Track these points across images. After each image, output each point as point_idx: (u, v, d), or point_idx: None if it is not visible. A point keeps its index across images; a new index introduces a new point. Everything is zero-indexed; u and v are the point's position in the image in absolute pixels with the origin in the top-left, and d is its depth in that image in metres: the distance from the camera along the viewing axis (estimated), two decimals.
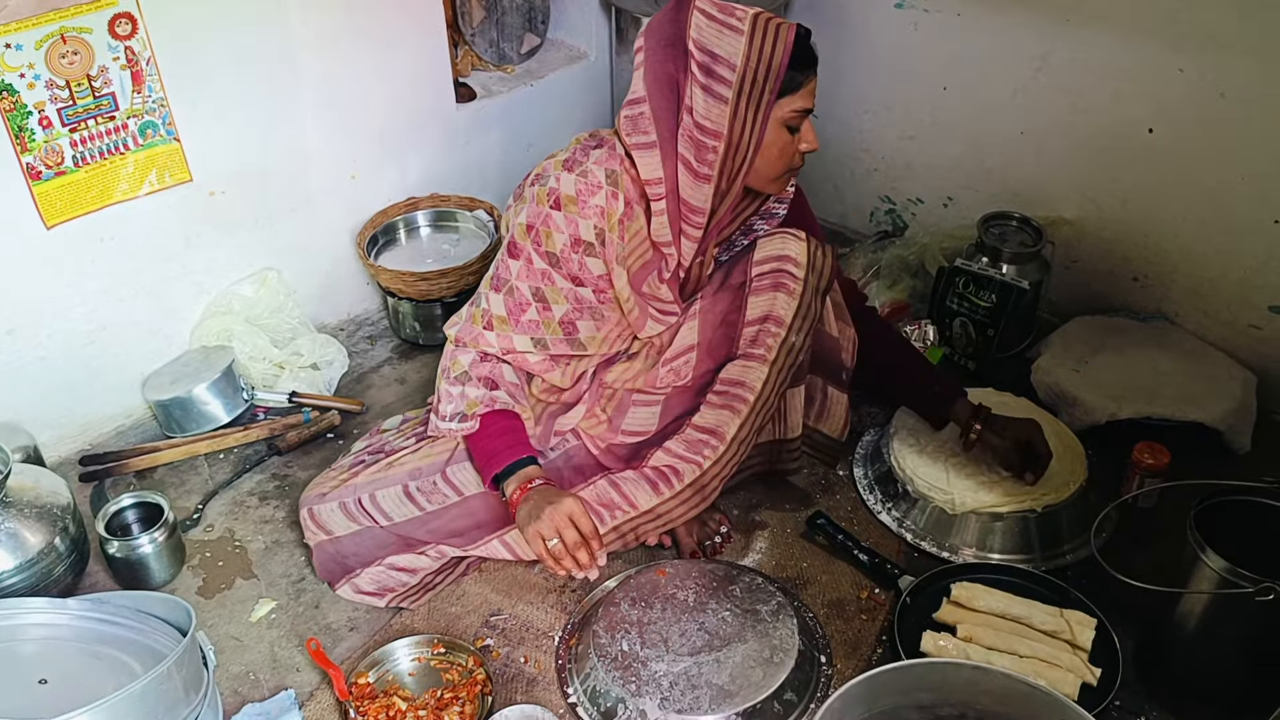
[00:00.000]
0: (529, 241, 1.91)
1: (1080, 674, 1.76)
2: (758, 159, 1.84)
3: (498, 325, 1.96)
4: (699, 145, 1.81)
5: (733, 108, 1.77)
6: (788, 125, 1.83)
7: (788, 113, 1.81)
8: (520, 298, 1.94)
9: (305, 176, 2.58)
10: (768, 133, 1.82)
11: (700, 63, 1.77)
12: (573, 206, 1.88)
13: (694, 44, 1.77)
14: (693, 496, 1.96)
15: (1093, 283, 2.66)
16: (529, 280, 1.93)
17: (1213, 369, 2.35)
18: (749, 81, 1.76)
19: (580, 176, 1.88)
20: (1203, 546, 1.67)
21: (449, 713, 1.78)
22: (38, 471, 2.07)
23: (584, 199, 1.88)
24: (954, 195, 2.87)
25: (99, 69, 2.12)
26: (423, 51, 2.70)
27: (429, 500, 1.98)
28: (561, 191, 1.89)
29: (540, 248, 1.91)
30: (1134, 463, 2.11)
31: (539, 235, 1.90)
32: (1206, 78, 2.27)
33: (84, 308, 2.30)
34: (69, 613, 1.79)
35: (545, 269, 1.92)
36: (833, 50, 2.90)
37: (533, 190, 1.91)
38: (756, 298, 1.97)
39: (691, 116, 1.80)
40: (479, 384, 1.96)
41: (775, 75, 1.76)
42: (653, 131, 1.85)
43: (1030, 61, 2.54)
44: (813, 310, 1.98)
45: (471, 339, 1.98)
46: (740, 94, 1.77)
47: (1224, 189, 2.34)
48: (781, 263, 1.96)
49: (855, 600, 2.00)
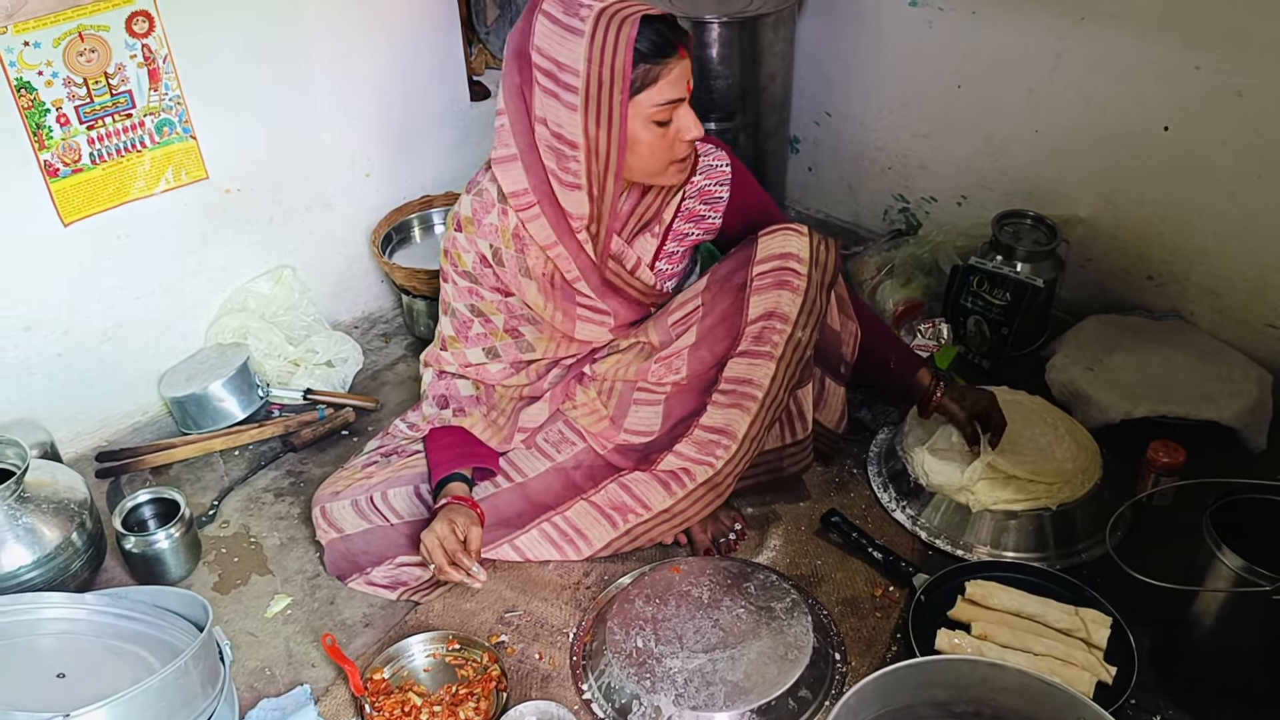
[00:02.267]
0: (449, 265, 1.99)
1: (1095, 672, 1.76)
2: (629, 158, 1.81)
3: (450, 344, 2.06)
4: (559, 154, 1.80)
5: (583, 114, 1.74)
6: (655, 120, 1.78)
7: (649, 109, 1.77)
8: (462, 316, 2.01)
9: (320, 174, 2.59)
10: (633, 131, 1.78)
11: (546, 71, 1.74)
12: (471, 227, 1.94)
13: (537, 52, 1.75)
14: (706, 494, 1.97)
15: (1107, 281, 2.65)
16: (462, 300, 2.00)
17: (1228, 367, 2.34)
18: (595, 85, 1.72)
19: (475, 196, 1.93)
20: (1219, 545, 1.67)
21: (464, 708, 1.78)
22: (55, 467, 2.09)
23: (479, 218, 1.93)
24: (968, 193, 2.86)
25: (116, 67, 2.13)
26: (437, 50, 2.70)
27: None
28: (460, 214, 1.95)
29: (457, 268, 1.98)
30: (1149, 461, 2.11)
31: (453, 257, 1.98)
32: (1223, 75, 2.26)
33: (100, 305, 2.31)
34: (86, 607, 1.80)
35: (470, 286, 1.99)
36: (847, 48, 2.90)
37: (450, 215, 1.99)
38: (759, 296, 1.96)
39: (546, 127, 1.79)
40: (433, 402, 2.08)
41: (622, 75, 1.71)
42: (513, 144, 1.85)
43: (1045, 59, 2.53)
44: (818, 306, 1.97)
45: (433, 359, 2.09)
46: (588, 100, 1.73)
47: (1240, 187, 2.33)
48: (784, 260, 1.95)
49: (869, 598, 2.00)
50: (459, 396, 2.06)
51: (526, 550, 2.02)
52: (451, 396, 2.06)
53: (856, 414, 2.38)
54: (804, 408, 2.09)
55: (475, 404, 2.07)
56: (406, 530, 1.99)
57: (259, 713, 1.79)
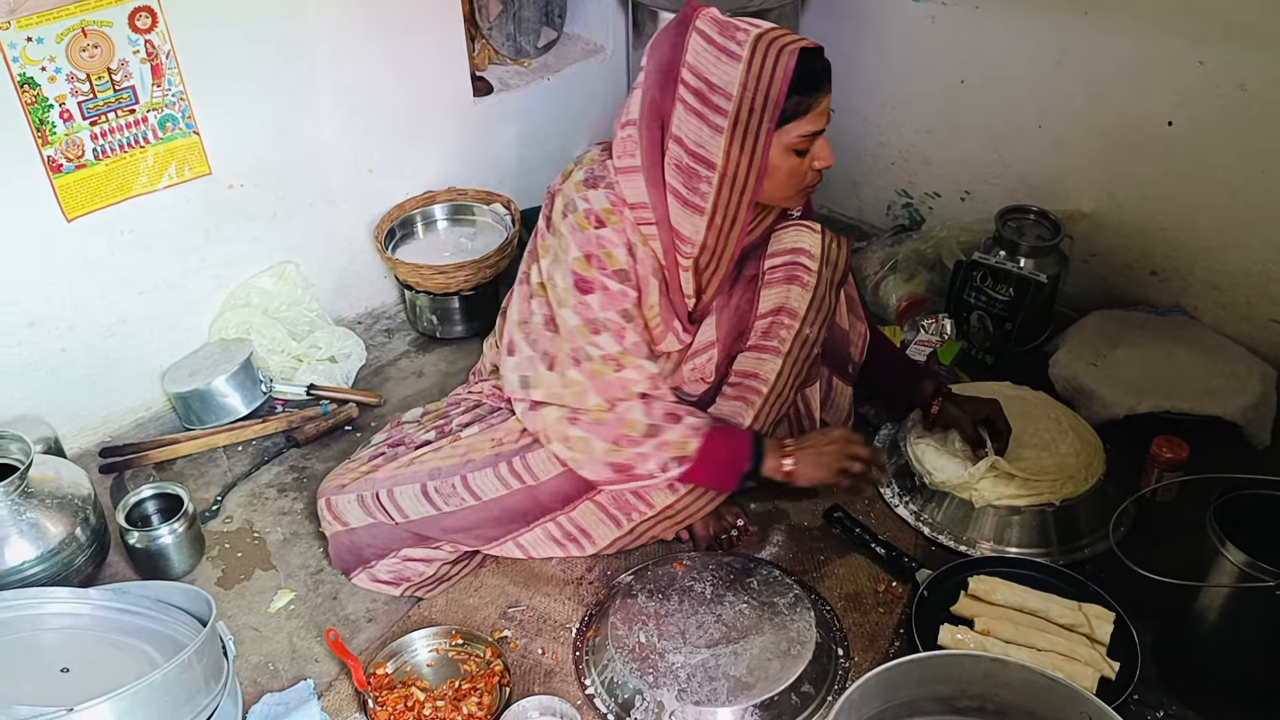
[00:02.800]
0: (594, 271, 1.84)
1: (1098, 667, 1.76)
2: (765, 184, 1.79)
3: (625, 360, 1.86)
4: (690, 174, 1.77)
5: (728, 137, 1.72)
6: (795, 150, 1.77)
7: (794, 138, 1.76)
8: (616, 326, 1.86)
9: (323, 170, 2.59)
10: (772, 159, 1.76)
11: (695, 89, 1.72)
12: (614, 218, 1.84)
13: (689, 70, 1.72)
14: (709, 490, 1.97)
15: (1111, 276, 2.65)
16: (614, 306, 1.85)
17: (1232, 363, 2.33)
18: (746, 111, 1.70)
19: (608, 189, 1.85)
20: (1222, 540, 1.67)
21: (467, 703, 1.78)
22: (58, 463, 2.09)
23: (619, 210, 1.85)
24: (971, 189, 2.86)
25: (119, 62, 2.13)
26: (440, 45, 2.70)
27: (446, 502, 1.97)
28: (596, 209, 1.84)
29: (607, 270, 1.84)
30: (1153, 456, 2.10)
31: (600, 260, 1.84)
32: (1227, 70, 2.26)
33: (104, 300, 2.32)
34: (90, 602, 1.80)
35: (622, 289, 1.85)
36: (850, 44, 2.89)
37: (568, 222, 1.85)
38: (769, 290, 1.96)
39: (682, 146, 1.76)
40: (669, 424, 1.85)
41: (774, 105, 1.70)
42: (639, 156, 1.82)
43: (1049, 54, 2.53)
44: (827, 303, 1.97)
45: (618, 390, 1.86)
46: (736, 124, 1.71)
47: (1244, 182, 2.33)
48: (795, 255, 1.95)
49: (872, 593, 2.00)
50: (681, 406, 1.91)
51: (530, 549, 2.02)
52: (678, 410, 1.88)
53: (860, 409, 2.37)
54: (812, 406, 2.09)
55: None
56: (411, 529, 1.98)
57: (262, 707, 1.80)
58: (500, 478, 1.96)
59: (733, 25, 1.72)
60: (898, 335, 2.59)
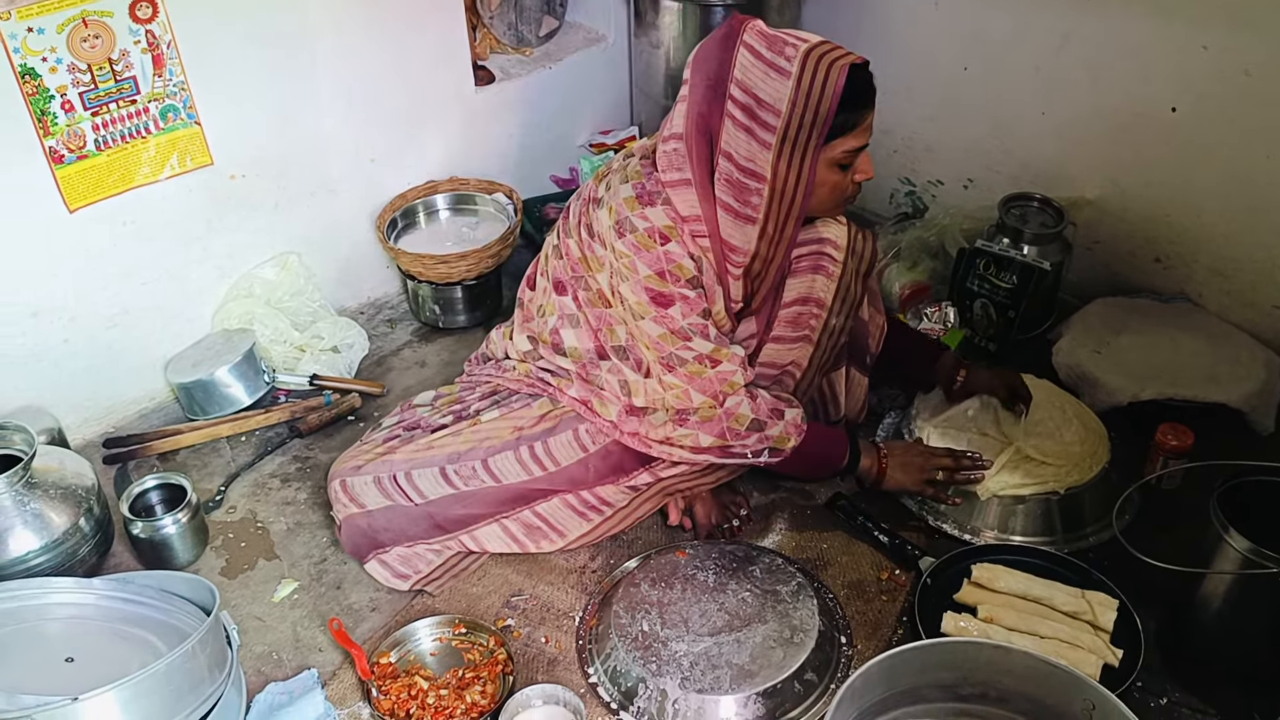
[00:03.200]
0: (670, 285, 1.84)
1: (1102, 655, 1.76)
2: (810, 199, 1.79)
3: (718, 354, 1.88)
4: (741, 188, 1.77)
5: (776, 152, 1.72)
6: (839, 164, 1.78)
7: (839, 154, 1.76)
8: (700, 327, 1.87)
9: (325, 160, 2.59)
10: (819, 173, 1.76)
11: (743, 105, 1.71)
12: (675, 233, 1.84)
13: (737, 85, 1.71)
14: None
15: (1114, 264, 2.64)
16: (694, 311, 1.86)
17: (1236, 350, 2.33)
18: (795, 127, 1.70)
19: (665, 205, 1.84)
20: (1226, 527, 1.67)
21: (470, 692, 1.78)
22: (62, 453, 2.09)
23: (679, 225, 1.84)
24: (974, 176, 2.85)
25: (120, 53, 2.13)
26: (441, 34, 2.69)
27: (466, 484, 1.97)
28: (658, 226, 1.83)
29: (681, 281, 1.85)
30: (1157, 444, 2.10)
31: (673, 274, 1.84)
32: (1231, 55, 2.25)
33: (106, 291, 2.32)
34: (94, 592, 1.81)
35: (698, 294, 1.87)
36: (852, 30, 2.88)
37: (628, 241, 1.84)
38: (794, 279, 1.97)
39: (732, 161, 1.75)
40: (773, 420, 1.91)
41: (823, 121, 1.70)
42: (688, 170, 1.81)
43: (1052, 40, 2.52)
44: (852, 293, 1.99)
45: (719, 384, 1.88)
46: (785, 139, 1.71)
47: (1248, 168, 2.32)
48: (821, 245, 1.96)
49: (875, 581, 2.00)
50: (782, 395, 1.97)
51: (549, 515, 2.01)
52: (779, 399, 1.94)
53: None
54: (837, 390, 2.11)
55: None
56: (430, 510, 1.98)
57: (266, 696, 1.80)
58: (521, 461, 1.98)
59: (781, 40, 1.70)
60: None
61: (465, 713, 1.75)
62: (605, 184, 1.92)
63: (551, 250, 2.03)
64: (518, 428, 2.01)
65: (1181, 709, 1.75)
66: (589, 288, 1.94)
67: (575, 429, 1.99)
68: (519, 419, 2.03)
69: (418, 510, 1.97)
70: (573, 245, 1.95)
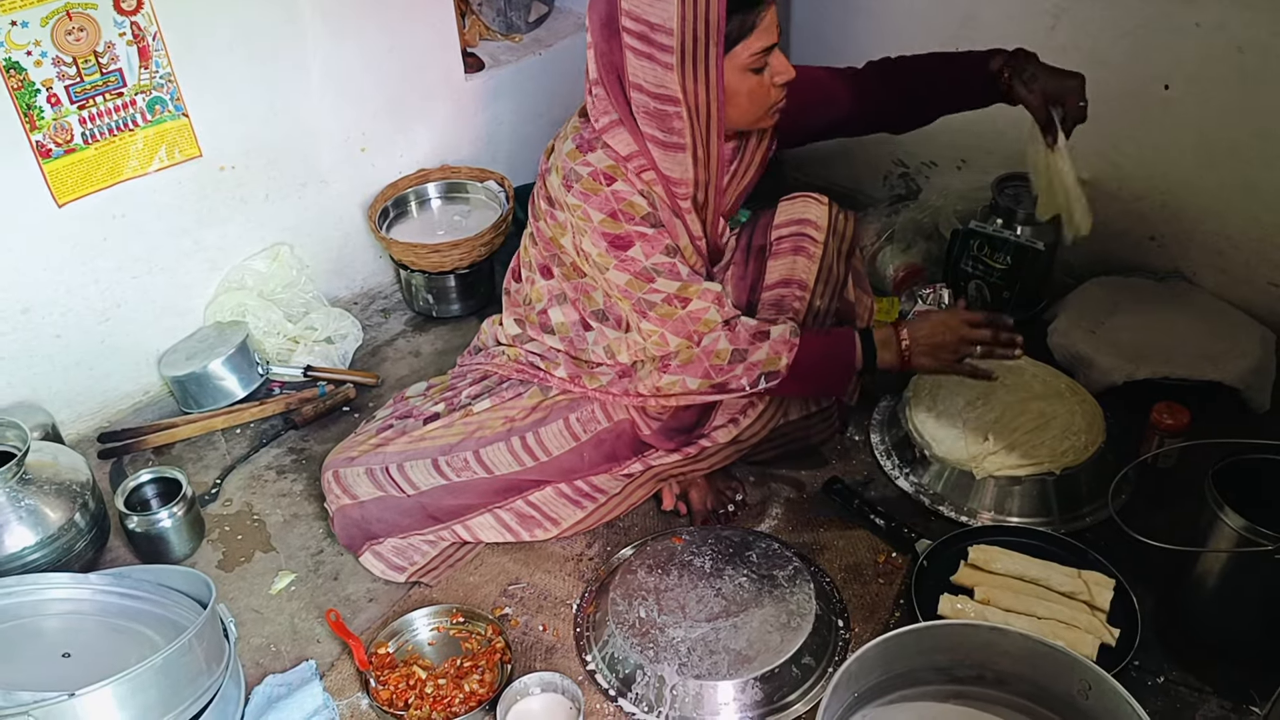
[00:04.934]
0: (625, 224, 1.83)
1: (1099, 634, 1.76)
2: (730, 110, 1.79)
3: (687, 292, 1.85)
4: (660, 116, 1.77)
5: (680, 71, 1.71)
6: (750, 69, 1.76)
7: (745, 58, 1.75)
8: (666, 265, 1.85)
9: (315, 150, 2.58)
10: (730, 83, 1.76)
11: (638, 34, 1.71)
12: (620, 171, 1.84)
13: (627, 16, 1.71)
14: (726, 446, 2.01)
15: (1109, 243, 2.63)
16: (657, 248, 1.84)
17: (1232, 328, 2.33)
18: (690, 41, 1.69)
19: (604, 149, 1.84)
20: (1221, 505, 1.67)
21: (468, 681, 1.79)
22: (56, 449, 2.09)
23: (622, 164, 1.84)
24: (967, 157, 2.84)
25: (105, 45, 2.12)
26: (430, 22, 2.68)
27: (458, 475, 1.98)
28: (600, 168, 1.83)
29: (635, 219, 1.83)
30: (1153, 423, 2.10)
31: (625, 213, 1.83)
32: (1223, 32, 2.24)
33: (98, 285, 2.31)
34: (91, 587, 1.81)
35: (656, 231, 1.85)
36: (843, 10, 2.87)
37: (576, 191, 1.84)
38: (776, 261, 1.96)
39: (643, 92, 1.76)
40: (756, 344, 1.86)
41: (716, 29, 1.69)
42: (613, 110, 1.82)
43: (1044, 18, 2.50)
44: (835, 274, 1.97)
45: (691, 324, 1.86)
46: (684, 56, 1.70)
47: (1242, 145, 2.31)
48: (801, 226, 1.96)
49: (872, 564, 2.00)
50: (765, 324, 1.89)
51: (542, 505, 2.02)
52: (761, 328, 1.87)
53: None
54: None
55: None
56: (422, 501, 1.98)
57: (265, 689, 1.80)
58: (513, 452, 1.98)
59: None
60: (896, 306, 2.58)
61: (464, 702, 1.76)
62: (553, 152, 1.94)
63: (528, 239, 2.05)
64: (509, 418, 2.01)
65: (1178, 687, 1.76)
66: (563, 262, 1.96)
67: (566, 418, 1.99)
68: (510, 409, 2.03)
69: (410, 501, 1.97)
70: (542, 226, 1.96)
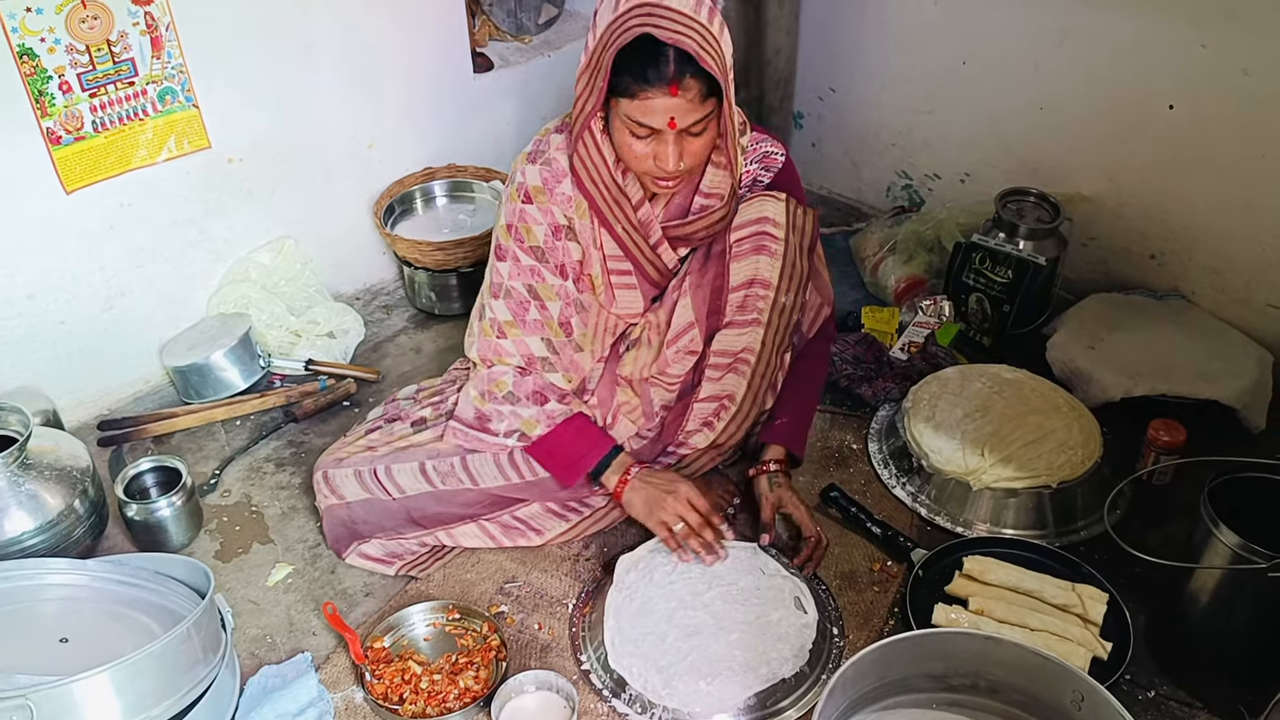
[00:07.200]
0: (512, 241, 1.94)
1: (1091, 647, 1.77)
2: (616, 144, 1.83)
3: (509, 330, 1.97)
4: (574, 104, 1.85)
5: (580, 69, 1.79)
6: (630, 131, 1.78)
7: (624, 116, 1.77)
8: (519, 297, 1.96)
9: (323, 145, 2.58)
10: (615, 121, 1.80)
11: (589, 29, 1.78)
12: (543, 197, 1.91)
13: (593, 14, 1.78)
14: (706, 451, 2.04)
15: (1110, 260, 2.65)
16: (521, 279, 1.95)
17: (1229, 347, 2.34)
18: (596, 57, 1.75)
19: (544, 166, 1.91)
20: (1216, 522, 1.67)
21: (463, 677, 1.79)
22: (57, 435, 2.09)
23: (551, 187, 1.91)
24: (971, 171, 2.86)
25: (119, 34, 2.13)
26: (440, 21, 2.69)
27: (444, 481, 2.00)
28: (529, 185, 1.91)
29: (524, 244, 1.93)
30: (1149, 440, 2.11)
31: (519, 233, 1.93)
32: (1228, 54, 2.26)
33: (103, 273, 2.31)
34: (89, 573, 1.81)
35: (533, 265, 1.94)
36: (852, 24, 2.89)
37: (508, 189, 1.95)
38: (738, 263, 1.98)
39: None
40: (529, 401, 1.97)
41: (604, 68, 1.73)
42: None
43: (1050, 36, 2.52)
44: (798, 269, 1.99)
45: (492, 353, 1.99)
46: (588, 65, 1.77)
47: (1244, 166, 2.33)
48: (761, 225, 1.97)
49: (867, 572, 2.01)
50: (556, 390, 1.99)
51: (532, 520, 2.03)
52: (547, 391, 1.97)
53: (857, 390, 2.38)
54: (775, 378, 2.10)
55: (571, 395, 2.02)
56: (407, 506, 1.99)
57: (260, 680, 1.80)
58: (499, 465, 2.01)
59: None
60: (896, 316, 2.59)
61: (458, 698, 1.76)
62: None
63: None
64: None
65: (1170, 702, 1.77)
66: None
67: None
68: None
69: (395, 505, 1.99)
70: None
